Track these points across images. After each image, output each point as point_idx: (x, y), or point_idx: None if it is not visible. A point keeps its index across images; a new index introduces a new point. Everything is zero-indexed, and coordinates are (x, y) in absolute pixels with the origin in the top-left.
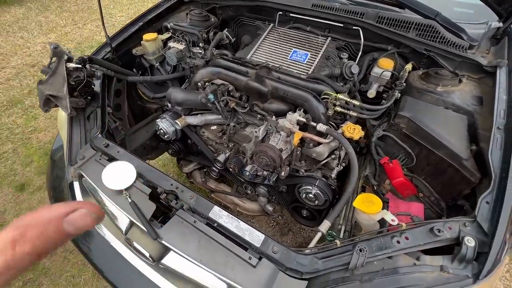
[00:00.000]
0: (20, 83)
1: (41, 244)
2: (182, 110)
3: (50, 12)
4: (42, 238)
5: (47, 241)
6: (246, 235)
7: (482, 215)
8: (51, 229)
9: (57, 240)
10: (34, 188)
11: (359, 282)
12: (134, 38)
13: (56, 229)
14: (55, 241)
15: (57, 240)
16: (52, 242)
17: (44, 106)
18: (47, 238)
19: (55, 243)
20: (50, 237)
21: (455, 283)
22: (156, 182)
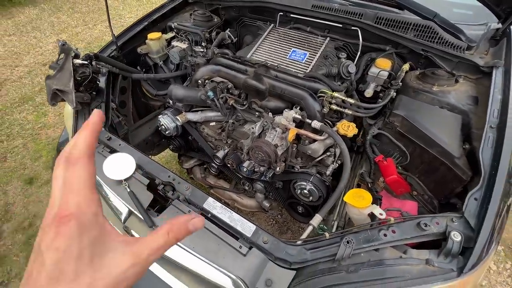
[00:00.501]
0: (31, 81)
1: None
2: (183, 106)
3: (62, 13)
4: (179, 232)
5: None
6: (238, 225)
7: (470, 211)
8: (183, 227)
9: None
10: (42, 182)
11: (345, 272)
12: (139, 37)
13: (186, 227)
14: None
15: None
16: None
17: (51, 100)
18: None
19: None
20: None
21: (440, 276)
22: (154, 174)
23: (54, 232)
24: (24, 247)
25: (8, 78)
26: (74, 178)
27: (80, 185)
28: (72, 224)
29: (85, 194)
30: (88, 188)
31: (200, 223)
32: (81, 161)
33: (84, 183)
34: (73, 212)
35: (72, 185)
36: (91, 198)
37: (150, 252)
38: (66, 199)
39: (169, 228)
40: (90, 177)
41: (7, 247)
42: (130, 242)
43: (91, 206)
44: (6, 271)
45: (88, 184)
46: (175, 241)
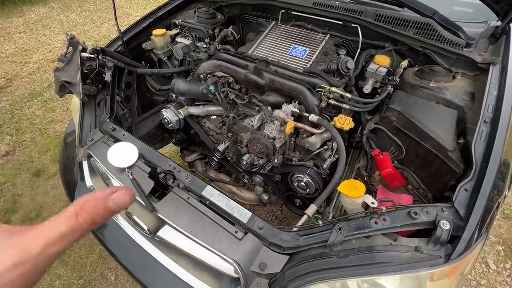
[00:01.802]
0: (40, 77)
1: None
2: (185, 100)
3: (71, 11)
4: (95, 212)
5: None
6: (234, 212)
7: (460, 201)
8: (100, 205)
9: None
10: (49, 174)
11: (336, 257)
12: (144, 33)
13: (104, 205)
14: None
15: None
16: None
17: (59, 91)
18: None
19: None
20: (100, 212)
21: (427, 262)
22: (155, 163)
23: None
24: None
25: (18, 74)
26: None
27: None
28: None
29: None
30: None
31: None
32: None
33: None
34: None
35: None
36: None
37: (47, 243)
38: None
39: (77, 208)
40: None
41: None
42: (16, 233)
43: None
44: None
45: None
46: (88, 226)
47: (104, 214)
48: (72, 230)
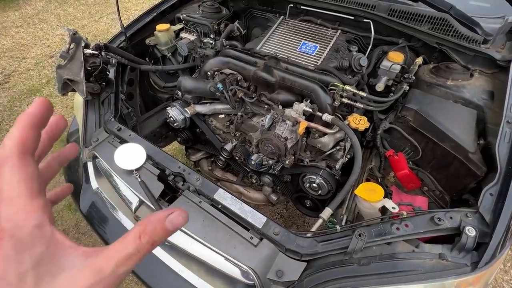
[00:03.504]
0: (39, 73)
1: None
2: (192, 98)
3: (68, 5)
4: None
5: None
6: (248, 216)
7: (485, 206)
8: (159, 227)
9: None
10: None
11: (357, 265)
12: (147, 28)
13: (162, 226)
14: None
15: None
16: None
17: (62, 89)
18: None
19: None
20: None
21: (453, 270)
22: (164, 164)
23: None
24: None
25: (15, 70)
26: (4, 183)
27: (11, 192)
28: (6, 243)
29: (20, 203)
30: (25, 194)
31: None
32: (10, 162)
33: (17, 189)
34: (4, 228)
35: (2, 194)
36: (30, 205)
37: (117, 263)
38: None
39: (141, 230)
40: (25, 179)
41: None
42: (90, 254)
43: (29, 217)
44: None
45: (24, 189)
46: (150, 246)
47: (163, 235)
48: (137, 250)
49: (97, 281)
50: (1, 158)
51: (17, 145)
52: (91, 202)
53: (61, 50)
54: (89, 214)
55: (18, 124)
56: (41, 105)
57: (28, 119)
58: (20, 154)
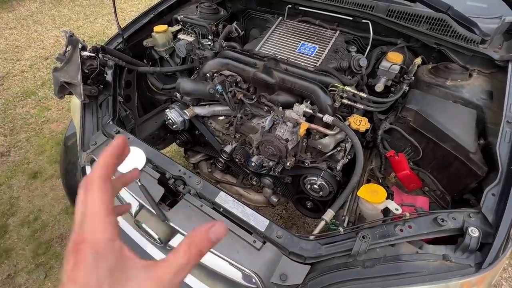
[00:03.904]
0: (33, 75)
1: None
2: (191, 100)
3: (63, 6)
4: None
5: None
6: (251, 220)
7: (487, 206)
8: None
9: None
10: (46, 176)
11: (361, 268)
12: (145, 29)
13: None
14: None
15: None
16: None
17: (58, 92)
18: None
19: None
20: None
21: (457, 271)
22: (164, 168)
23: (73, 261)
24: (30, 241)
25: (10, 72)
26: (89, 202)
27: (94, 209)
28: (87, 253)
29: (99, 219)
30: (103, 211)
31: (222, 229)
32: (96, 184)
33: (98, 207)
34: (87, 239)
35: (87, 210)
36: (106, 222)
37: (174, 273)
38: (81, 224)
39: (189, 242)
40: (105, 200)
41: (13, 241)
42: (151, 267)
43: (105, 231)
44: (13, 264)
45: (103, 207)
46: (199, 257)
47: (208, 245)
48: (188, 261)
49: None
50: (91, 179)
51: (103, 171)
52: None
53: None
54: None
55: (104, 155)
56: (121, 141)
57: (112, 151)
58: (104, 178)
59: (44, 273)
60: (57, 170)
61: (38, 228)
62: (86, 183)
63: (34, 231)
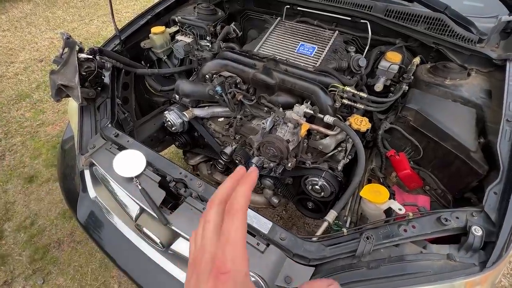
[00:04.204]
0: (28, 78)
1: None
2: (190, 102)
3: (57, 7)
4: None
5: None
6: (254, 222)
7: (490, 205)
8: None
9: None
10: (43, 180)
11: (366, 269)
12: (142, 31)
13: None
14: None
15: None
16: None
17: (56, 95)
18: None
19: None
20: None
21: (462, 271)
22: (165, 171)
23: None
24: (27, 246)
25: (3, 74)
26: (232, 230)
27: (237, 239)
28: (229, 283)
29: (240, 250)
30: (243, 242)
31: None
32: (240, 214)
33: (241, 237)
34: (231, 270)
35: (229, 237)
36: (245, 255)
37: None
38: (223, 251)
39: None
40: (245, 232)
41: (9, 246)
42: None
43: (244, 264)
44: (9, 270)
45: (243, 239)
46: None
47: None
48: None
49: None
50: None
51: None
52: (89, 212)
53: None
54: (87, 224)
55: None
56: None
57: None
58: (245, 211)
59: (42, 279)
60: (54, 173)
61: (35, 233)
62: (230, 209)
63: (31, 236)
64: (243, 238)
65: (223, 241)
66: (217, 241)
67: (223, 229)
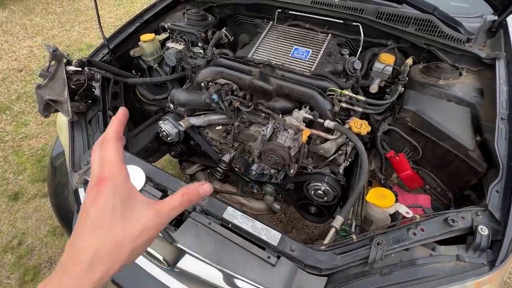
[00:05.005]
0: (7, 89)
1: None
2: (185, 111)
3: (35, 14)
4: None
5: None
6: (262, 234)
7: (493, 204)
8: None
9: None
10: (29, 196)
11: (379, 276)
12: (131, 39)
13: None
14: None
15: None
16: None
17: (44, 111)
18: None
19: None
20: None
21: (472, 271)
22: (166, 185)
23: (95, 191)
24: (15, 268)
25: None
26: (106, 153)
27: (111, 158)
28: (108, 185)
29: (116, 164)
30: (118, 160)
31: (207, 188)
32: (111, 141)
33: (115, 156)
34: (108, 176)
35: (105, 158)
36: (121, 167)
37: (169, 208)
38: (102, 168)
39: (183, 191)
40: (119, 153)
41: None
42: (152, 202)
43: (121, 173)
44: None
45: (118, 157)
46: (188, 203)
47: (196, 198)
48: (180, 203)
49: (156, 216)
50: (106, 138)
51: (115, 132)
52: None
53: (31, 64)
54: None
55: (113, 121)
56: (125, 111)
57: (118, 120)
58: (116, 138)
59: None
60: (41, 189)
61: (24, 253)
62: (102, 141)
63: (19, 257)
64: (117, 158)
65: (101, 163)
66: (99, 166)
67: (100, 157)
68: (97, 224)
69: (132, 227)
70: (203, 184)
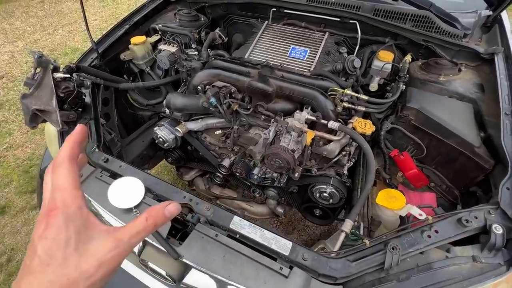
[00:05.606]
0: None
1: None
2: (182, 116)
3: (15, 18)
4: (158, 217)
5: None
6: (272, 244)
7: (505, 201)
8: (161, 213)
9: (163, 220)
10: (16, 210)
11: (396, 282)
12: (121, 42)
13: (163, 213)
14: (163, 221)
15: (163, 220)
16: (162, 221)
17: (31, 122)
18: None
19: (162, 222)
20: (161, 218)
21: (490, 272)
22: (167, 196)
23: (45, 224)
24: (6, 287)
25: None
26: (59, 179)
27: (64, 184)
28: (59, 216)
29: (69, 191)
30: (72, 186)
31: (174, 208)
32: (64, 165)
33: (68, 182)
34: (59, 206)
35: (58, 185)
36: (75, 194)
37: (130, 236)
38: (53, 196)
39: (147, 215)
40: (73, 177)
41: None
42: (111, 230)
43: (75, 201)
44: None
45: (72, 182)
46: (153, 227)
47: (162, 220)
48: (144, 229)
49: (116, 246)
50: (58, 161)
51: (68, 154)
52: None
53: (13, 70)
54: None
55: (68, 141)
56: (82, 128)
57: (73, 138)
58: (70, 160)
59: None
60: (29, 201)
61: (14, 270)
62: (54, 165)
63: (9, 274)
64: (71, 183)
65: (52, 191)
66: (50, 194)
67: (52, 183)
68: (46, 261)
69: (87, 262)
70: (169, 204)
